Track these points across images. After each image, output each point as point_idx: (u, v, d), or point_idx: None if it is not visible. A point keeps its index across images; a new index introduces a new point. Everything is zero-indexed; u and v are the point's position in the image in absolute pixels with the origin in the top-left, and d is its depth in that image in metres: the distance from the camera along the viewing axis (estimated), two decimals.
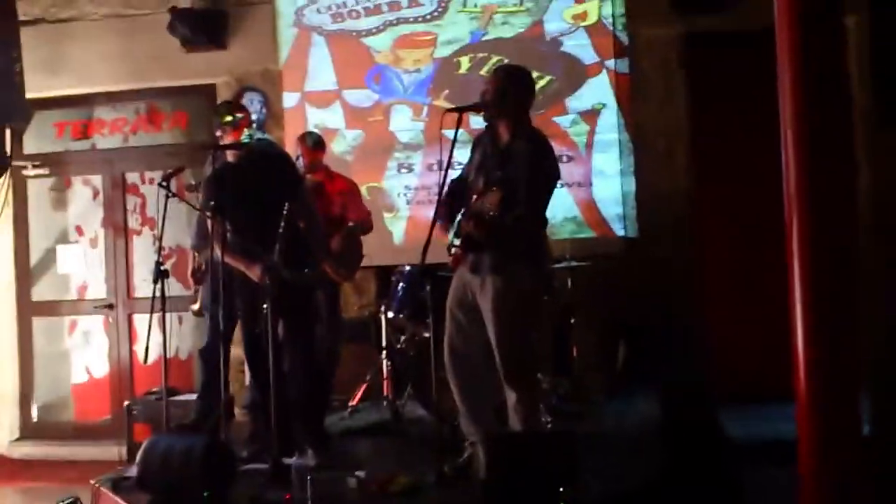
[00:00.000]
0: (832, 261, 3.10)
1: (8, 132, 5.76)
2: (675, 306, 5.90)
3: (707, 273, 6.03)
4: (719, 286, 5.99)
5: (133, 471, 4.24)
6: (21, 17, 6.38)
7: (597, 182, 6.21)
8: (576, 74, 6.26)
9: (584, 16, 6.27)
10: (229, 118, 4.60)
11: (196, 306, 5.45)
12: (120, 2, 7.02)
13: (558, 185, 4.24)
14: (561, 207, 6.04)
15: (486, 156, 4.15)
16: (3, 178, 6.61)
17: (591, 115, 6.24)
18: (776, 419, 4.73)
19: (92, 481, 4.52)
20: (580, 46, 6.25)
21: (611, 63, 6.21)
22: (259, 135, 5.13)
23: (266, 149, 5.06)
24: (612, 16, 6.21)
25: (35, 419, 7.39)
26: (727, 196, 6.04)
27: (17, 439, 7.29)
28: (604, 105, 6.21)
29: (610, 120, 6.19)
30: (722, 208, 6.06)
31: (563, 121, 6.24)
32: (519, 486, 3.55)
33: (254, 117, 5.05)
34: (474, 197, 4.04)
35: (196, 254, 5.41)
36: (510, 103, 4.07)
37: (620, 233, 6.16)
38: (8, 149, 5.84)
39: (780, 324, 3.27)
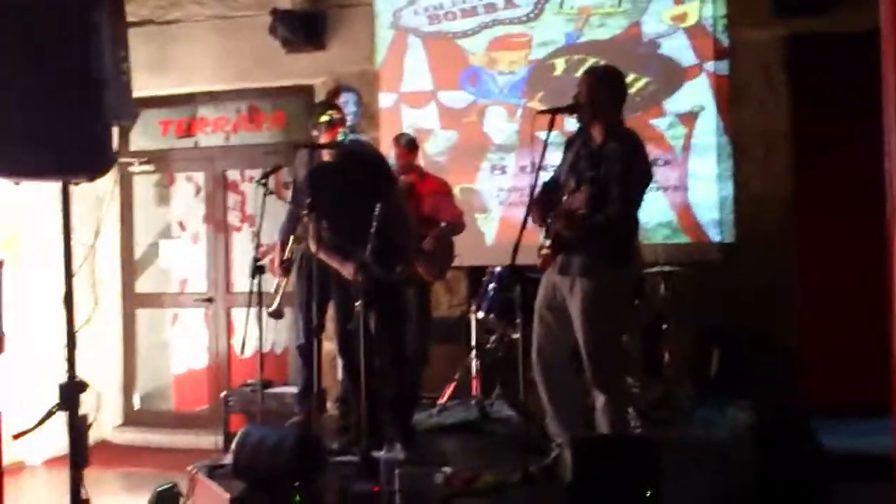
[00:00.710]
0: None
1: (115, 130, 5.93)
2: (771, 314, 5.76)
3: (803, 281, 5.87)
4: (816, 295, 5.81)
5: (228, 459, 4.37)
6: (130, 18, 6.58)
7: (693, 186, 6.11)
8: (674, 76, 6.16)
9: (683, 17, 6.17)
10: (325, 118, 4.68)
11: (273, 308, 5.08)
12: (223, 4, 7.20)
13: (653, 188, 4.19)
14: (656, 211, 5.96)
15: (578, 156, 4.13)
16: (110, 174, 6.85)
17: (688, 118, 6.14)
18: (875, 433, 4.58)
19: (189, 468, 4.68)
20: (679, 48, 6.15)
21: (710, 65, 6.10)
22: (353, 136, 5.18)
23: (361, 149, 5.13)
24: (713, 17, 6.09)
25: (137, 407, 7.66)
26: (827, 202, 5.86)
27: (120, 426, 7.56)
28: (702, 108, 6.11)
29: (708, 123, 6.08)
30: (821, 214, 5.88)
31: (659, 123, 6.16)
32: (604, 490, 3.53)
33: (349, 117, 5.10)
34: (564, 197, 4.03)
35: (282, 244, 5.39)
36: (602, 104, 4.05)
37: (716, 238, 6.04)
38: (115, 146, 6.03)
39: (880, 334, 3.17)
